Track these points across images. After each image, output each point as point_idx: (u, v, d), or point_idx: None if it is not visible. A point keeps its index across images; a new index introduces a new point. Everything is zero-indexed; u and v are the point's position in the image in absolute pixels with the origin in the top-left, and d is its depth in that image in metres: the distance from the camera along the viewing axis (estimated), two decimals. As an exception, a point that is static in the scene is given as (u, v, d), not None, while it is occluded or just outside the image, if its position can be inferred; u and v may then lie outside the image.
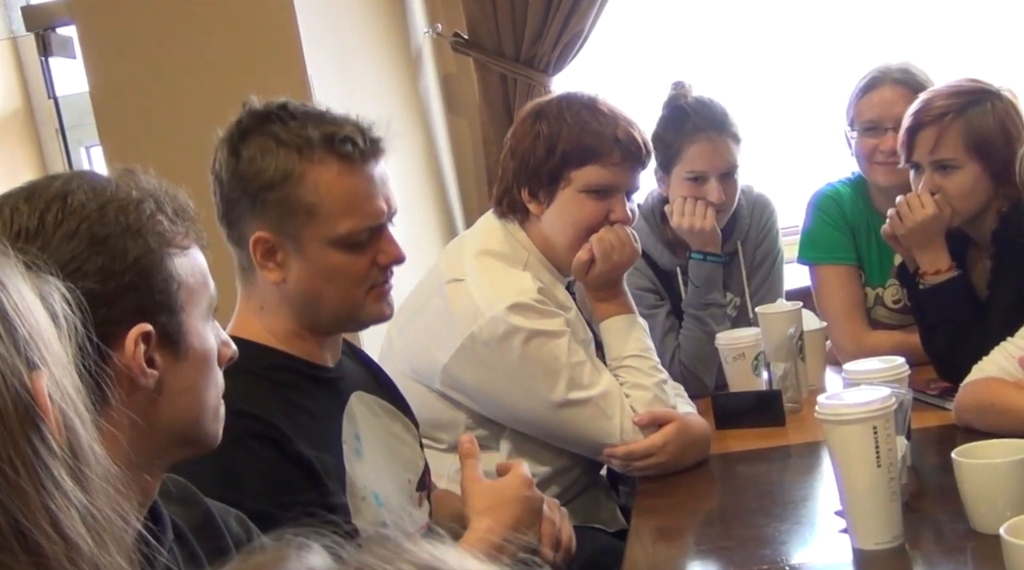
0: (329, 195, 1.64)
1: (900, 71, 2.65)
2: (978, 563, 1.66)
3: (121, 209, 1.16)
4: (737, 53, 3.76)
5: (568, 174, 2.19)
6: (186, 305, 1.19)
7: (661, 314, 2.65)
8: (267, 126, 1.65)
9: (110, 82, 2.79)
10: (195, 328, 1.21)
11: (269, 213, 1.64)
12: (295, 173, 1.63)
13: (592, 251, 2.20)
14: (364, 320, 1.76)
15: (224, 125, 1.69)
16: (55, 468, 0.77)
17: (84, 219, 1.13)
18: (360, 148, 1.66)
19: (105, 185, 1.18)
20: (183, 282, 1.19)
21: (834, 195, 2.78)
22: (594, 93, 2.27)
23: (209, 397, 1.24)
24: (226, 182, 1.66)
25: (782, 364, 2.43)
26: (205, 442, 1.25)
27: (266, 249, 1.66)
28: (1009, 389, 2.04)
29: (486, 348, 2.09)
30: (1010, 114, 2.34)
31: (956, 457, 1.71)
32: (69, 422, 0.81)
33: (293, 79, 2.76)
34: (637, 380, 2.19)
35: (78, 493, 0.78)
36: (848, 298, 2.71)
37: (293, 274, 1.67)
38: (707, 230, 2.60)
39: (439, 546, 0.52)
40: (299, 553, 0.51)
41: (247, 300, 1.73)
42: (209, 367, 1.23)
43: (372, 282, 1.71)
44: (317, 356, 1.73)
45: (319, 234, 1.65)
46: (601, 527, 2.29)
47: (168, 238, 1.18)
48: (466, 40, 3.50)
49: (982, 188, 2.35)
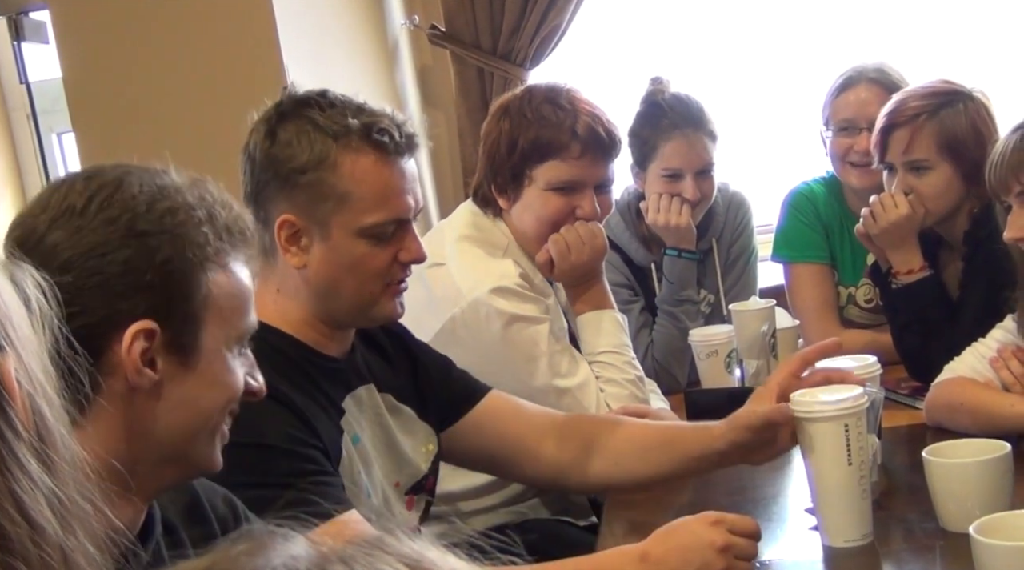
0: (362, 184, 1.65)
1: (875, 71, 2.67)
2: (947, 561, 1.67)
3: (169, 211, 1.16)
4: (716, 50, 3.77)
5: (530, 171, 2.19)
6: (209, 321, 1.18)
7: (635, 310, 2.65)
8: (306, 111, 1.66)
9: (83, 68, 2.77)
10: (214, 347, 1.19)
11: (299, 196, 1.65)
12: (330, 159, 1.64)
13: (549, 252, 2.20)
14: (376, 316, 1.76)
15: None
16: (20, 451, 0.77)
17: (128, 210, 1.15)
18: (396, 141, 1.67)
19: (164, 184, 1.18)
20: (211, 297, 1.18)
21: (808, 194, 2.79)
22: (563, 84, 2.25)
23: (213, 421, 1.22)
24: (258, 162, 1.67)
25: (755, 361, 2.44)
26: (198, 464, 1.23)
27: (291, 232, 1.67)
28: (979, 389, 2.06)
29: (466, 330, 2.08)
30: (982, 115, 2.35)
31: (927, 456, 1.72)
32: (36, 406, 0.80)
33: (269, 69, 2.75)
34: (611, 375, 2.19)
35: (44, 476, 0.77)
36: (821, 297, 2.72)
37: (315, 260, 1.68)
38: (682, 227, 2.60)
39: (421, 542, 0.52)
40: (282, 542, 0.51)
41: (264, 282, 1.72)
42: (221, 391, 1.21)
43: (390, 279, 1.72)
44: (324, 346, 1.73)
45: (347, 222, 1.66)
46: (570, 520, 2.30)
47: (208, 252, 1.17)
48: (443, 32, 3.49)
49: (954, 189, 2.36)
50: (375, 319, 1.78)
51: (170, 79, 2.77)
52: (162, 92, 2.77)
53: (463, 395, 1.93)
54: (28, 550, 0.74)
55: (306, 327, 1.72)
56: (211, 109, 2.81)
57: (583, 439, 1.92)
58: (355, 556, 0.50)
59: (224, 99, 2.82)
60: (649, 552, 1.54)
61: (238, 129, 2.83)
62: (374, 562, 0.50)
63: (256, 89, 2.85)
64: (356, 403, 1.76)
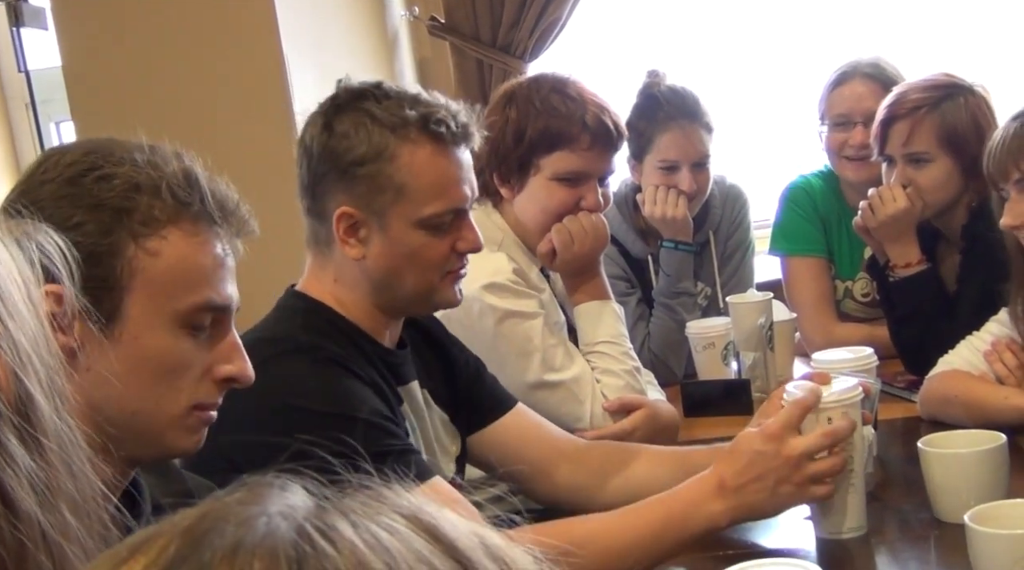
0: (420, 175, 1.66)
1: (870, 66, 2.67)
2: (941, 551, 1.68)
3: (103, 177, 1.14)
4: (714, 45, 3.77)
5: (537, 161, 2.19)
6: (136, 289, 1.13)
7: (632, 302, 2.66)
8: (362, 103, 1.67)
9: (83, 56, 2.77)
10: (144, 319, 1.14)
11: (357, 188, 1.66)
12: (388, 150, 1.65)
13: (552, 241, 2.21)
14: (437, 303, 1.78)
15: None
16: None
17: (60, 174, 1.14)
18: (452, 131, 1.68)
19: (116, 154, 1.16)
20: (137, 266, 1.13)
21: (806, 187, 2.80)
22: (567, 75, 2.25)
23: (158, 401, 1.16)
24: (316, 155, 1.68)
25: (751, 354, 2.44)
26: (158, 445, 1.18)
27: (350, 224, 1.67)
28: (973, 382, 2.06)
29: (460, 327, 2.09)
30: (982, 109, 2.36)
31: (922, 447, 1.73)
32: (20, 381, 0.77)
33: (269, 59, 2.76)
34: (608, 366, 2.19)
35: (24, 455, 0.75)
36: (818, 290, 2.73)
37: (374, 251, 1.69)
38: (679, 219, 2.60)
39: (419, 496, 0.53)
40: (279, 492, 0.51)
41: (320, 270, 1.74)
42: (157, 369, 1.16)
43: (448, 268, 1.72)
44: (380, 336, 1.75)
45: (406, 213, 1.67)
46: (566, 513, 2.29)
47: (136, 218, 1.13)
48: (443, 24, 3.49)
49: (953, 182, 2.37)
50: (436, 306, 1.80)
51: (170, 69, 2.77)
52: (162, 82, 2.77)
53: (490, 404, 1.95)
54: (1, 530, 0.73)
55: (364, 316, 1.73)
56: (211, 98, 2.82)
57: (599, 464, 1.94)
58: (353, 507, 0.50)
59: (224, 89, 2.83)
60: (725, 480, 1.58)
61: (236, 118, 2.84)
62: (372, 514, 0.50)
63: (256, 79, 2.87)
64: (408, 396, 1.78)
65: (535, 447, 1.94)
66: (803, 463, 1.58)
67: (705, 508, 1.59)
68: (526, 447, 1.94)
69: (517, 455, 1.92)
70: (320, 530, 0.48)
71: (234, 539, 0.48)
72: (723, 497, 1.58)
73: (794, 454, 1.57)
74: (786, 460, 1.57)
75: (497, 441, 1.93)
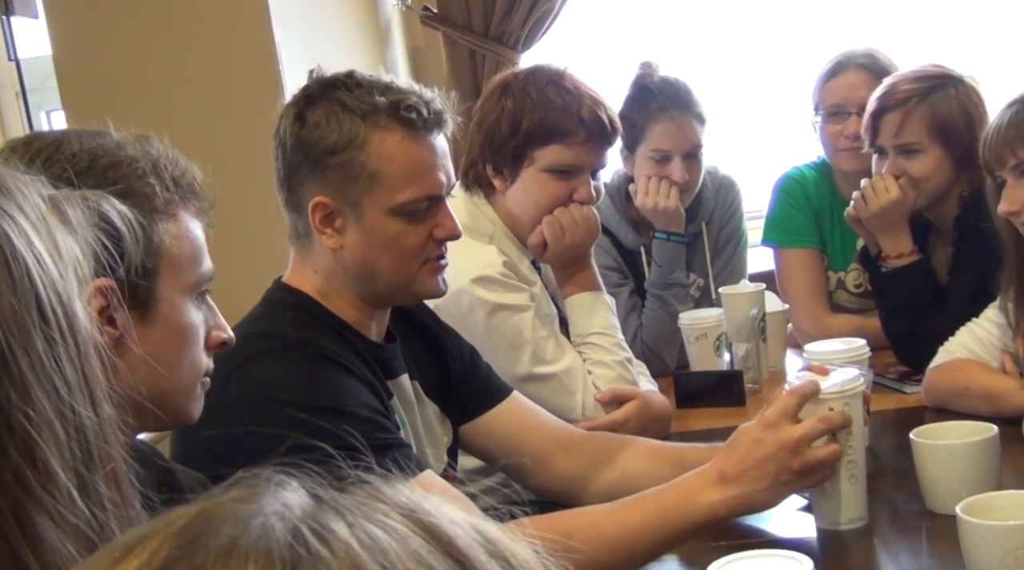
0: (392, 162, 1.65)
1: (864, 56, 2.67)
2: (933, 542, 1.68)
3: (111, 165, 1.16)
4: (707, 36, 3.77)
5: (531, 153, 2.18)
6: (163, 271, 1.18)
7: (624, 293, 2.65)
8: (333, 92, 1.66)
9: (73, 44, 2.76)
10: (171, 298, 1.20)
11: (330, 177, 1.65)
12: (359, 138, 1.64)
13: (542, 233, 2.20)
14: (419, 293, 1.77)
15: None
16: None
17: (69, 168, 1.14)
18: (424, 117, 1.67)
19: (104, 142, 1.18)
20: (163, 247, 1.18)
21: (799, 178, 2.80)
22: (563, 67, 2.24)
23: (181, 374, 1.22)
24: (289, 147, 1.67)
25: (744, 345, 2.44)
26: (173, 416, 1.24)
27: (325, 214, 1.67)
28: (983, 372, 2.07)
29: (450, 320, 2.08)
30: (972, 100, 2.36)
31: (914, 438, 1.73)
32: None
33: (261, 48, 2.75)
34: (600, 357, 2.19)
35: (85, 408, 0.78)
36: (810, 281, 2.73)
37: (350, 241, 1.68)
38: (671, 210, 2.60)
39: (417, 492, 0.52)
40: (276, 489, 0.51)
41: (302, 263, 1.74)
42: (184, 342, 1.22)
43: (427, 256, 1.72)
44: (367, 329, 1.74)
45: (379, 201, 1.66)
46: (559, 502, 2.29)
47: (157, 203, 1.17)
48: (435, 14, 3.48)
49: (944, 172, 2.37)
50: (418, 296, 1.79)
51: (161, 58, 2.76)
52: (153, 71, 2.76)
53: (485, 393, 1.95)
54: None
55: (348, 308, 1.72)
56: (202, 88, 2.81)
57: (594, 453, 1.94)
58: (349, 506, 0.50)
59: (215, 78, 2.82)
60: (724, 470, 1.59)
61: (229, 108, 2.82)
62: (369, 512, 0.50)
63: (247, 68, 2.86)
64: (397, 389, 1.77)
65: (531, 436, 1.94)
66: (801, 449, 1.58)
67: (704, 497, 1.59)
68: (522, 436, 1.93)
69: (513, 444, 1.92)
70: (315, 531, 0.48)
71: (229, 540, 0.48)
72: (723, 486, 1.58)
73: (791, 440, 1.58)
74: (784, 446, 1.57)
75: (493, 430, 1.93)
